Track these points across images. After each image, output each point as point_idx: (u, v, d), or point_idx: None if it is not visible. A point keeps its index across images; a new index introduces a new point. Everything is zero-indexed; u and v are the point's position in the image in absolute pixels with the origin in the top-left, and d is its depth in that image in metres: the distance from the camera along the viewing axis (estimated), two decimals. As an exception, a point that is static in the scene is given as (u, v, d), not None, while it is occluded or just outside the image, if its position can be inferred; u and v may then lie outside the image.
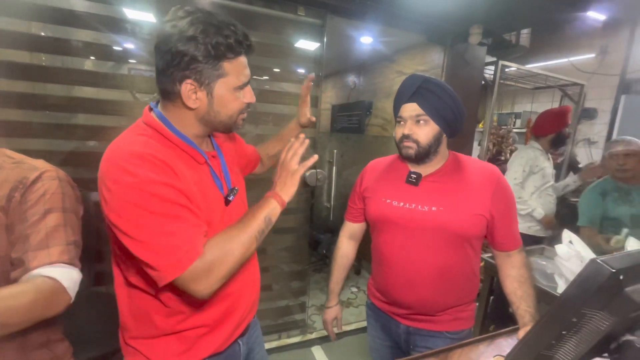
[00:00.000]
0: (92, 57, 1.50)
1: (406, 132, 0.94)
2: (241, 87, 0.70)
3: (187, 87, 0.65)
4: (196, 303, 0.73)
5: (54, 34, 1.38)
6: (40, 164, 0.80)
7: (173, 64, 0.63)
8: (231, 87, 0.69)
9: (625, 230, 1.57)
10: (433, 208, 0.93)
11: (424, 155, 0.94)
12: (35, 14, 1.35)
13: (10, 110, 1.36)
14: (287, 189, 0.76)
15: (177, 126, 0.70)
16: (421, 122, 0.93)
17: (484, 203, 0.93)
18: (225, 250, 0.64)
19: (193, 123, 0.70)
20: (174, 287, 0.69)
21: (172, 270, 0.60)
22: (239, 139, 1.00)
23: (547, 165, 2.18)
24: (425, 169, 0.99)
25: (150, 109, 0.72)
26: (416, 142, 0.93)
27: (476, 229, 0.94)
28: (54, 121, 1.44)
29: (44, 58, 1.41)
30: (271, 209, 0.73)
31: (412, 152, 0.94)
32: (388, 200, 0.99)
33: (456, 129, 0.96)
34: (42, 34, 1.38)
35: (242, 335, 0.87)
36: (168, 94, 0.68)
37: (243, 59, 0.70)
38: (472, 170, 0.98)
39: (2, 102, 1.35)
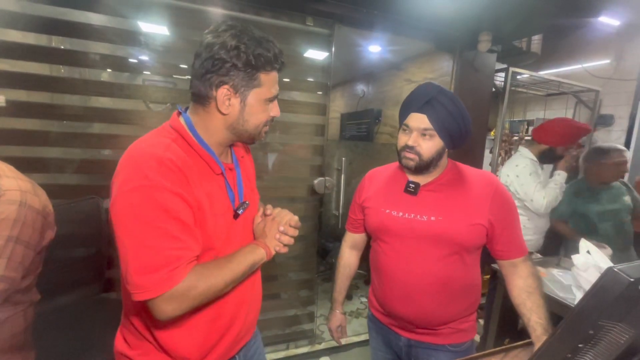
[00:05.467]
0: (108, 69, 1.56)
1: (410, 143, 0.92)
2: (271, 100, 0.74)
3: (223, 92, 0.68)
4: (190, 322, 0.72)
5: (72, 47, 1.44)
6: (10, 183, 0.76)
7: (213, 70, 0.66)
8: (262, 98, 0.72)
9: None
10: (432, 218, 0.92)
11: (424, 168, 0.94)
12: (56, 28, 1.42)
13: (30, 119, 1.42)
14: (272, 243, 0.80)
15: (203, 133, 0.71)
16: (427, 135, 0.91)
17: (483, 212, 0.91)
18: (209, 283, 0.65)
19: (220, 129, 0.72)
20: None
21: (144, 291, 0.59)
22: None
23: (540, 178, 1.97)
24: (423, 179, 0.98)
25: (179, 114, 0.74)
26: (418, 154, 0.92)
27: (475, 238, 0.92)
28: (70, 130, 1.50)
29: (62, 70, 1.47)
30: (259, 259, 0.76)
31: (412, 164, 0.93)
32: (387, 211, 0.98)
33: (459, 144, 0.96)
34: (62, 47, 1.44)
35: (239, 349, 0.85)
36: (202, 99, 0.70)
37: (276, 74, 0.73)
38: (470, 179, 0.96)
39: (22, 112, 1.41)
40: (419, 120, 0.91)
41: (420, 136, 0.92)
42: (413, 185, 0.97)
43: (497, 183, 0.95)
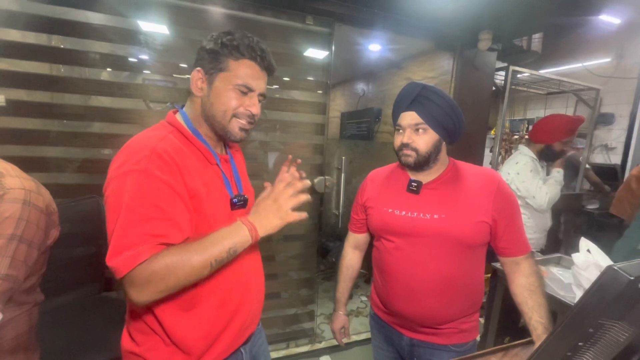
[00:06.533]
0: (108, 69, 1.55)
1: (405, 140, 0.93)
2: (241, 89, 0.74)
3: (196, 75, 0.74)
4: (197, 308, 0.73)
5: (72, 46, 1.44)
6: (14, 182, 0.76)
7: (195, 60, 0.75)
8: (230, 83, 0.73)
9: None
10: (435, 216, 0.92)
11: (423, 163, 0.94)
12: (56, 27, 1.41)
13: (30, 119, 1.42)
14: (267, 225, 0.70)
15: (195, 123, 0.77)
16: (420, 130, 0.92)
17: (486, 209, 0.91)
18: (171, 267, 0.61)
19: (200, 114, 0.77)
20: (171, 297, 0.69)
21: (116, 270, 0.60)
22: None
23: (541, 176, 1.94)
24: (425, 177, 0.98)
25: (176, 111, 0.79)
26: (415, 150, 0.92)
27: (479, 236, 0.92)
28: (71, 129, 1.50)
29: (62, 69, 1.47)
30: (240, 241, 0.68)
31: (411, 160, 0.94)
32: (390, 210, 0.98)
33: (455, 136, 0.95)
34: (62, 46, 1.44)
35: (245, 343, 0.86)
36: (190, 88, 0.76)
37: (251, 64, 0.74)
38: (472, 177, 0.96)
39: (22, 112, 1.41)
40: (409, 117, 0.93)
41: (414, 132, 0.93)
42: (415, 184, 0.97)
43: (499, 180, 0.95)
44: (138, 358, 0.74)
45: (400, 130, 0.96)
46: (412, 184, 0.97)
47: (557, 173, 1.91)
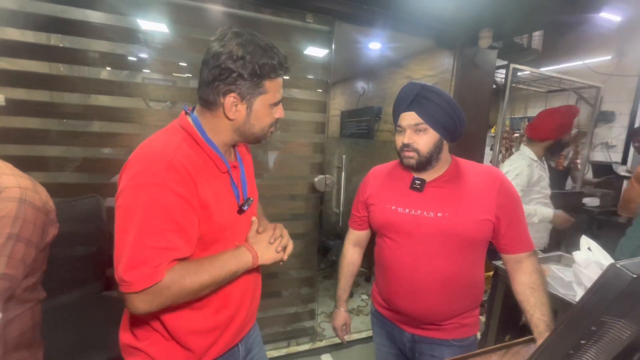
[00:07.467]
0: (107, 67, 1.55)
1: (406, 141, 0.93)
2: (275, 104, 0.77)
3: (230, 100, 0.71)
4: (199, 312, 0.75)
5: (72, 45, 1.43)
6: (9, 180, 0.76)
7: (220, 78, 0.69)
8: (267, 104, 0.75)
9: None
10: (439, 214, 0.92)
11: (425, 164, 0.94)
12: (55, 26, 1.41)
13: (30, 118, 1.42)
14: (267, 256, 0.80)
15: (210, 133, 0.74)
16: (420, 130, 0.92)
17: (489, 206, 0.91)
18: (182, 284, 0.65)
19: (227, 132, 0.75)
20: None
21: (130, 285, 0.61)
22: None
23: (543, 176, 1.89)
24: (428, 175, 0.98)
25: (186, 113, 0.76)
26: (416, 150, 0.92)
27: (482, 233, 0.92)
28: (70, 129, 1.50)
29: (62, 68, 1.47)
30: (243, 265, 0.75)
31: (413, 161, 0.94)
32: (393, 207, 0.98)
33: (456, 135, 0.95)
34: (61, 45, 1.43)
35: (241, 338, 0.88)
36: (209, 104, 0.73)
37: (280, 80, 0.77)
38: (475, 174, 0.97)
39: (22, 111, 1.41)
40: (409, 117, 0.93)
41: (415, 132, 0.93)
42: (419, 182, 0.97)
43: (502, 177, 0.96)
44: (139, 352, 0.75)
45: (401, 131, 0.96)
46: (416, 181, 0.97)
47: (541, 215, 1.81)
